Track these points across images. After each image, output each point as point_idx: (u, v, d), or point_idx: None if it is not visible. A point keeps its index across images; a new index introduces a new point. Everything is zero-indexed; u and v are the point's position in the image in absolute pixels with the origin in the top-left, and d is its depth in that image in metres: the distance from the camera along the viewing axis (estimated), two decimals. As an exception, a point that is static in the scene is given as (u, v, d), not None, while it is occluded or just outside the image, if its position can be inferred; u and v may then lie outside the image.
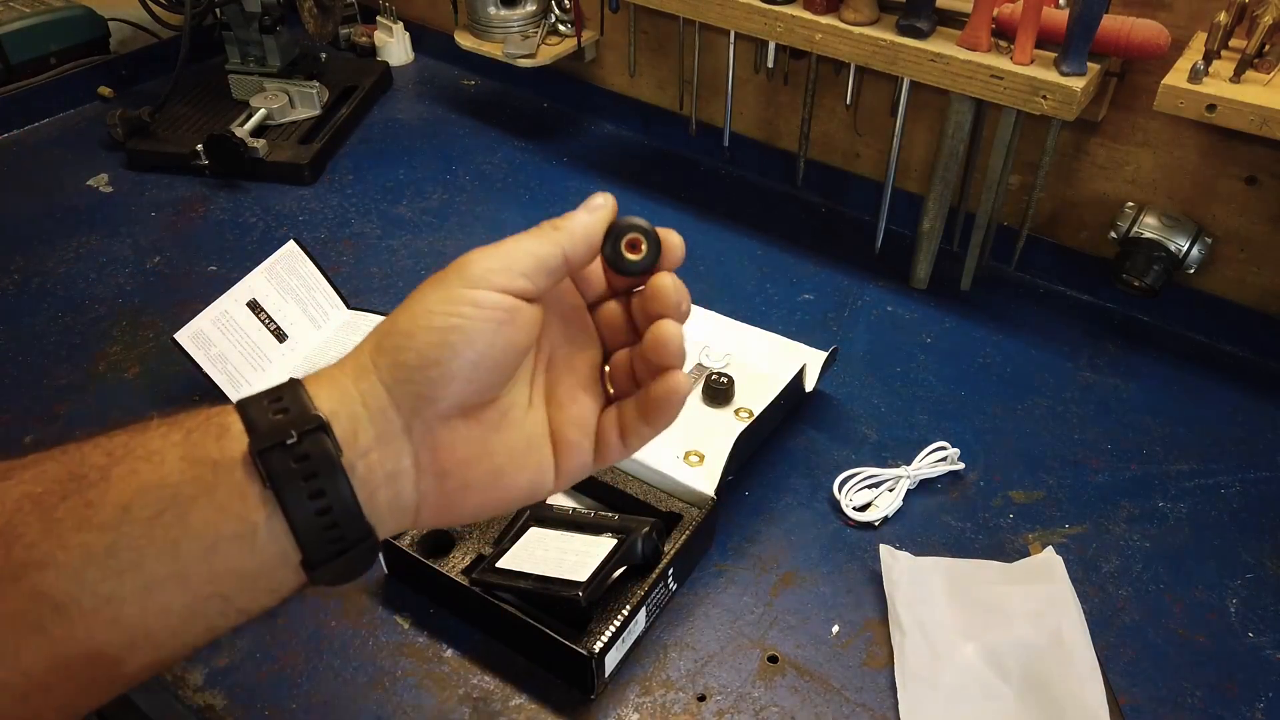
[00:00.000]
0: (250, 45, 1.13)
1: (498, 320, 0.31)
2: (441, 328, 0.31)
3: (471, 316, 0.31)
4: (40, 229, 0.97)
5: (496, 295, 0.31)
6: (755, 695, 0.57)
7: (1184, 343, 0.86)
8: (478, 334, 0.31)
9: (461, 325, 0.31)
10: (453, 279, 0.32)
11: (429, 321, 0.31)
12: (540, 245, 0.33)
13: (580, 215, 0.34)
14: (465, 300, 0.31)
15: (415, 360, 0.31)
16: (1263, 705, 0.57)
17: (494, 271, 0.32)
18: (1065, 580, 0.61)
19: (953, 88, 0.77)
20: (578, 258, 0.33)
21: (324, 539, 0.30)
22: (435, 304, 0.31)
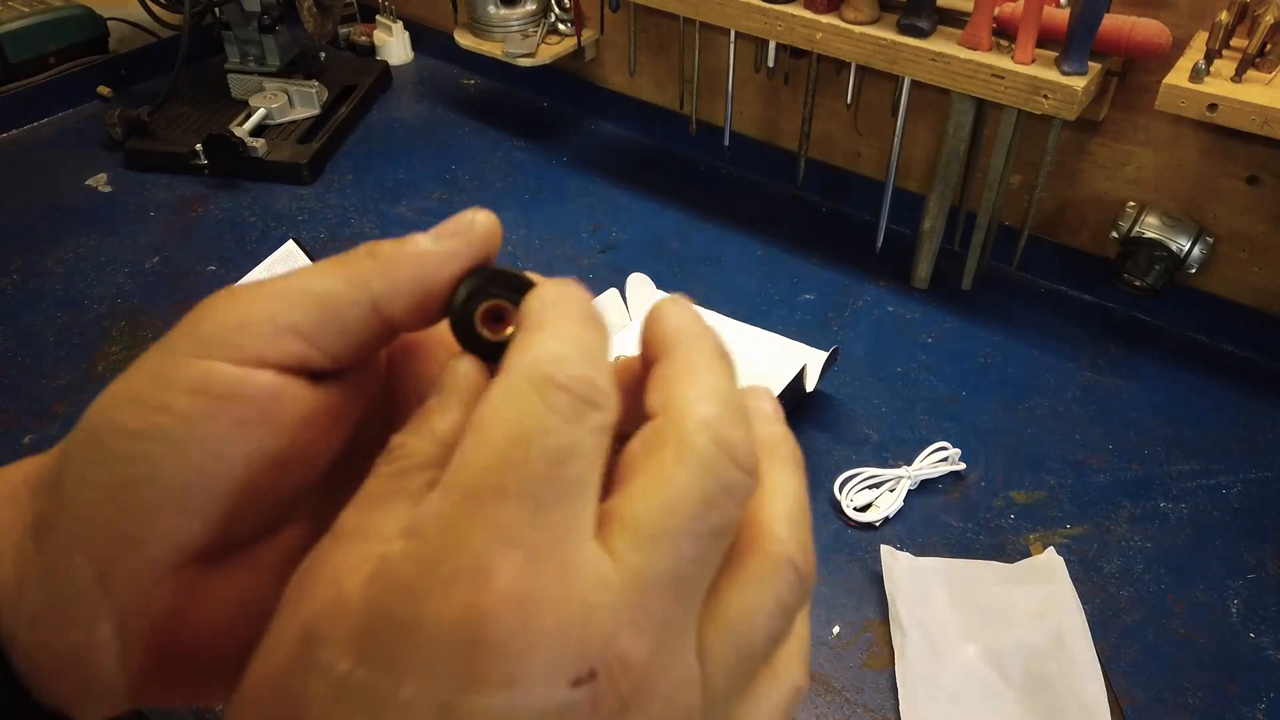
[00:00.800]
0: (249, 44, 1.13)
1: (236, 417, 0.19)
2: (134, 430, 0.19)
3: (185, 412, 0.19)
4: (39, 229, 0.97)
5: (236, 372, 0.19)
6: (756, 696, 0.56)
7: (1185, 343, 0.85)
8: (195, 441, 0.19)
9: (165, 428, 0.19)
10: (179, 341, 0.20)
11: (117, 417, 0.20)
12: (331, 282, 0.20)
13: (419, 242, 0.21)
14: (180, 382, 0.19)
15: (100, 477, 0.19)
16: (1264, 706, 0.57)
17: (238, 329, 0.20)
18: (1066, 581, 0.61)
19: (954, 87, 0.77)
20: (398, 310, 0.20)
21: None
22: (138, 385, 0.20)
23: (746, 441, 0.17)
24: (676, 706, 0.16)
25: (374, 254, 0.21)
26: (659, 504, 0.16)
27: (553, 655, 0.15)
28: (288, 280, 0.20)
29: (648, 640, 0.16)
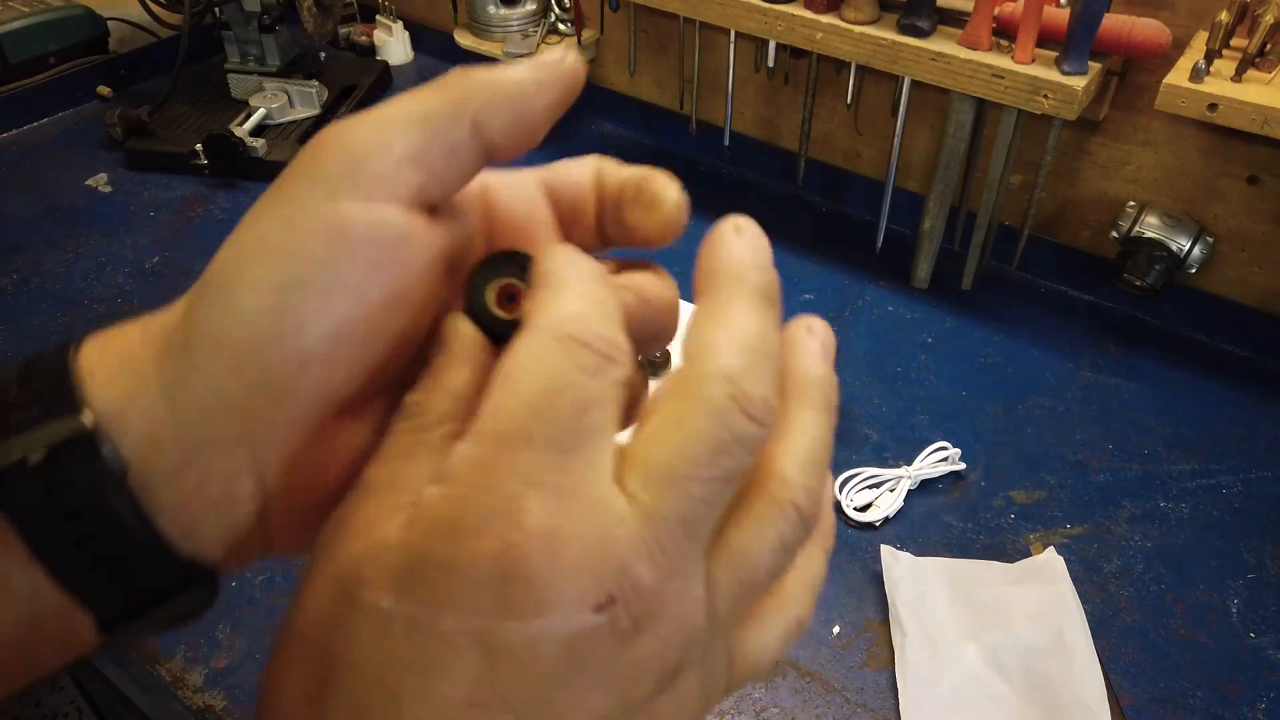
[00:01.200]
0: (249, 44, 1.13)
1: (372, 260, 0.19)
2: (274, 282, 0.19)
3: (324, 259, 0.19)
4: (39, 229, 0.97)
5: (369, 212, 0.19)
6: (756, 696, 0.56)
7: (1185, 342, 0.85)
8: (339, 288, 0.19)
9: (307, 277, 0.19)
10: (300, 185, 0.19)
11: (253, 270, 0.19)
12: (432, 102, 0.20)
13: (513, 67, 0.21)
14: (314, 227, 0.19)
15: (240, 335, 0.19)
16: (1264, 705, 0.57)
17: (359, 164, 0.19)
18: (1066, 581, 0.61)
19: (954, 87, 0.77)
20: (496, 132, 0.20)
21: (112, 594, 0.20)
22: (269, 234, 0.19)
23: (763, 394, 0.18)
24: (684, 627, 0.18)
25: (468, 76, 0.21)
26: (671, 450, 0.18)
27: (577, 584, 0.17)
28: (388, 108, 0.20)
29: (658, 570, 0.17)
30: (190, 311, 0.20)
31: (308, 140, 0.18)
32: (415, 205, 0.20)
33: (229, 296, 0.19)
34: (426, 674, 0.16)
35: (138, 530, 0.19)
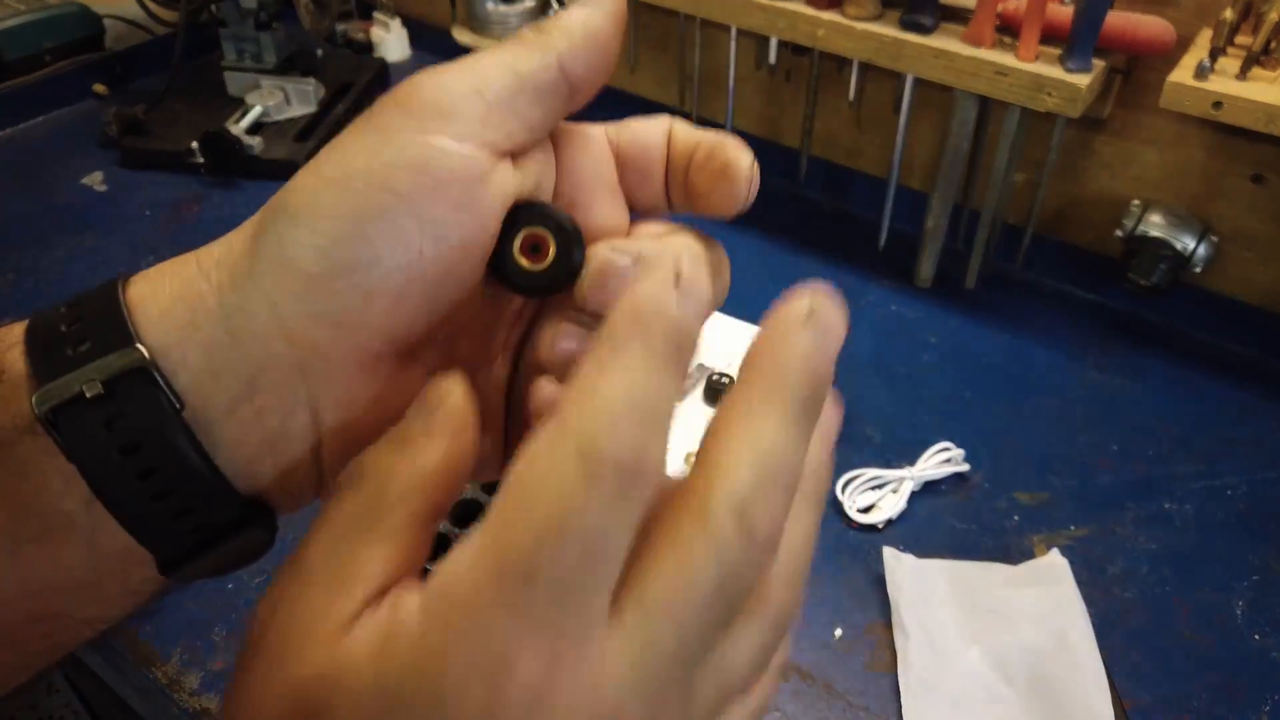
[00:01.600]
0: (246, 42, 1.12)
1: (455, 199, 0.19)
2: (352, 211, 0.18)
3: (408, 192, 0.18)
4: (34, 228, 0.96)
5: (457, 150, 0.19)
6: (758, 700, 0.56)
7: (1190, 342, 0.85)
8: (419, 223, 0.19)
9: (387, 207, 0.18)
10: (392, 117, 0.19)
11: (340, 194, 0.19)
12: (521, 51, 0.20)
13: (580, 8, 0.21)
14: (402, 159, 0.19)
15: (313, 262, 0.18)
16: (1269, 708, 0.56)
17: (453, 104, 0.19)
18: (1071, 582, 0.61)
19: (957, 84, 0.76)
20: (580, 69, 0.21)
21: (174, 530, 0.19)
22: (356, 159, 0.19)
23: (772, 525, 0.17)
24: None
25: (546, 24, 0.21)
26: (672, 586, 0.16)
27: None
28: (479, 57, 0.20)
29: (649, 711, 0.16)
30: (259, 237, 0.20)
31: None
32: (502, 150, 0.20)
33: (306, 222, 0.19)
34: None
35: (197, 465, 0.19)
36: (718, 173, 0.22)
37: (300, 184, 0.19)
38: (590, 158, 0.23)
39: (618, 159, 0.23)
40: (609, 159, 0.23)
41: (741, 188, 0.22)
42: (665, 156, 0.23)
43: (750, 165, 0.22)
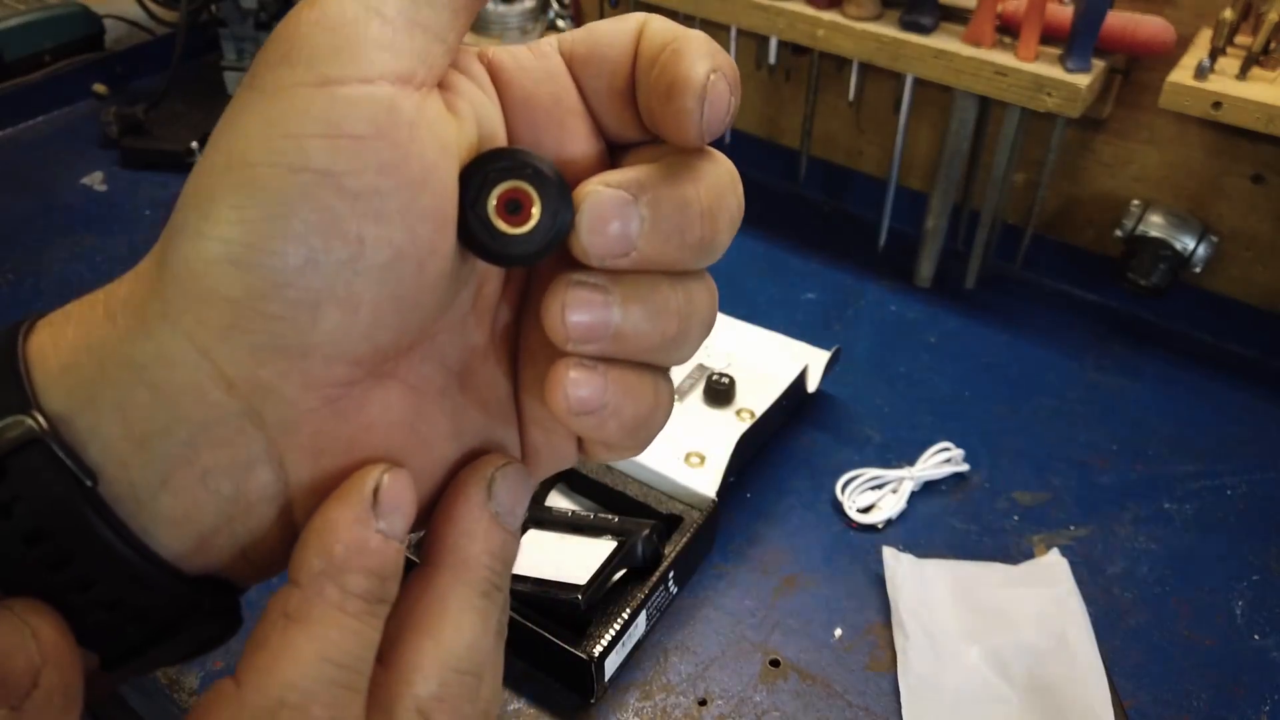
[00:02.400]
0: (246, 42, 1.12)
1: (384, 163, 0.15)
2: (265, 209, 0.15)
3: (326, 162, 0.15)
4: (34, 228, 0.96)
5: (376, 92, 0.15)
6: (757, 699, 0.56)
7: (1190, 342, 0.85)
8: (347, 199, 0.15)
9: (309, 186, 0.15)
10: (279, 70, 0.15)
11: (242, 189, 0.15)
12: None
13: None
14: (312, 125, 0.15)
15: (233, 283, 0.15)
16: (1269, 708, 0.56)
17: (361, 23, 0.15)
18: (1070, 582, 0.61)
19: (956, 84, 0.76)
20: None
21: (108, 625, 0.16)
22: (252, 143, 0.15)
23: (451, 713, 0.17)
24: None
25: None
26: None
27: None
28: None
29: None
30: (162, 264, 0.15)
31: None
32: (421, 80, 0.16)
33: (209, 234, 0.15)
34: None
35: (122, 551, 0.16)
36: (664, 91, 0.17)
37: (194, 187, 0.16)
38: (540, 78, 0.18)
39: (577, 75, 0.19)
40: (565, 78, 0.18)
41: (691, 110, 0.17)
42: (632, 67, 0.18)
43: (704, 80, 0.17)
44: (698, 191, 0.18)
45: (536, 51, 0.18)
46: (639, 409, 0.19)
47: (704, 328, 0.20)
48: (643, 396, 0.19)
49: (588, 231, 0.17)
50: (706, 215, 0.18)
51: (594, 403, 0.18)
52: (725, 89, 0.17)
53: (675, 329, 0.19)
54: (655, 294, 0.18)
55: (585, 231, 0.17)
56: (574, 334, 0.18)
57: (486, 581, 0.18)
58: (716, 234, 0.18)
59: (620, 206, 0.17)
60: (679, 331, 0.19)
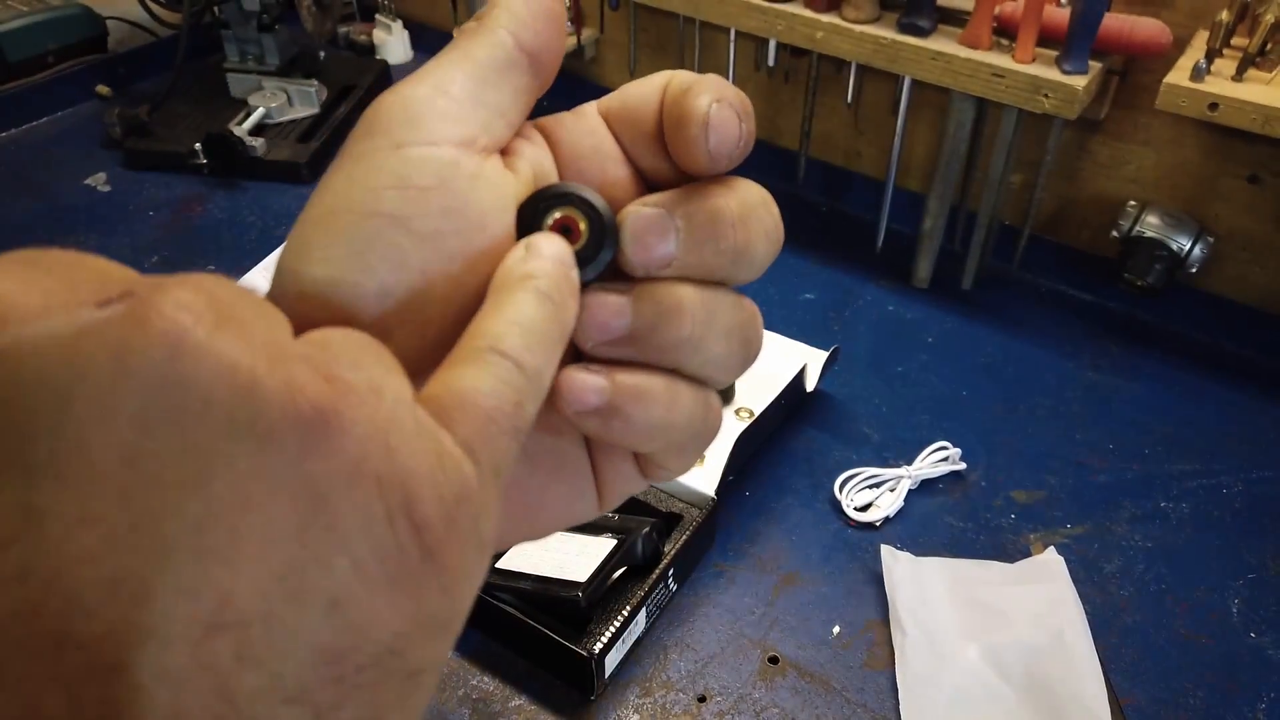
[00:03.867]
0: (249, 43, 1.13)
1: (446, 209, 0.18)
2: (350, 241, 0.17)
3: (396, 208, 0.18)
4: (38, 228, 0.97)
5: (441, 154, 0.18)
6: (756, 696, 0.56)
7: (1186, 342, 0.85)
8: (413, 238, 0.18)
9: (382, 229, 0.17)
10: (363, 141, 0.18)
11: (328, 232, 0.18)
12: (475, 45, 0.19)
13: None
14: (388, 180, 0.18)
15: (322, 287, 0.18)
16: (1265, 706, 0.57)
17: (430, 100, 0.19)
18: (1067, 580, 0.61)
19: (954, 86, 0.77)
20: (535, 43, 0.20)
21: None
22: (339, 193, 0.18)
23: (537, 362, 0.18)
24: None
25: (485, 11, 0.20)
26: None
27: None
28: (435, 62, 0.19)
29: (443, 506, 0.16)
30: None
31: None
32: (482, 145, 0.19)
33: (300, 275, 0.18)
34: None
35: None
36: (674, 124, 0.20)
37: (293, 235, 0.18)
38: (582, 134, 0.21)
39: (614, 128, 0.21)
40: (604, 131, 0.21)
41: (696, 136, 0.19)
42: (660, 115, 0.21)
43: (707, 109, 0.19)
44: (728, 203, 0.20)
45: (577, 113, 0.22)
46: (650, 414, 0.20)
47: (727, 339, 0.21)
48: (654, 402, 0.20)
49: (631, 245, 0.20)
50: (739, 223, 0.20)
51: (591, 403, 0.19)
52: (730, 116, 0.19)
53: (688, 333, 0.20)
54: (670, 297, 0.20)
55: (629, 246, 0.20)
56: (614, 334, 0.20)
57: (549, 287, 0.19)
58: (750, 242, 0.20)
59: (658, 220, 0.20)
60: (694, 337, 0.20)
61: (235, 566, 0.13)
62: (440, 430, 0.15)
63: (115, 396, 0.12)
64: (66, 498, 0.12)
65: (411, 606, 0.14)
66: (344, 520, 0.14)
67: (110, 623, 0.12)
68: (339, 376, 0.14)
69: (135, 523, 0.12)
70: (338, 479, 0.14)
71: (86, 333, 0.12)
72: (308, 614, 0.13)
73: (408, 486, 0.14)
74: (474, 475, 0.16)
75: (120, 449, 0.12)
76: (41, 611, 0.12)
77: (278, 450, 0.13)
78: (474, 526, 0.15)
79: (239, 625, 0.13)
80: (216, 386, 0.13)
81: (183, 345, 0.13)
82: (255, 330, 0.14)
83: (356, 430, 0.14)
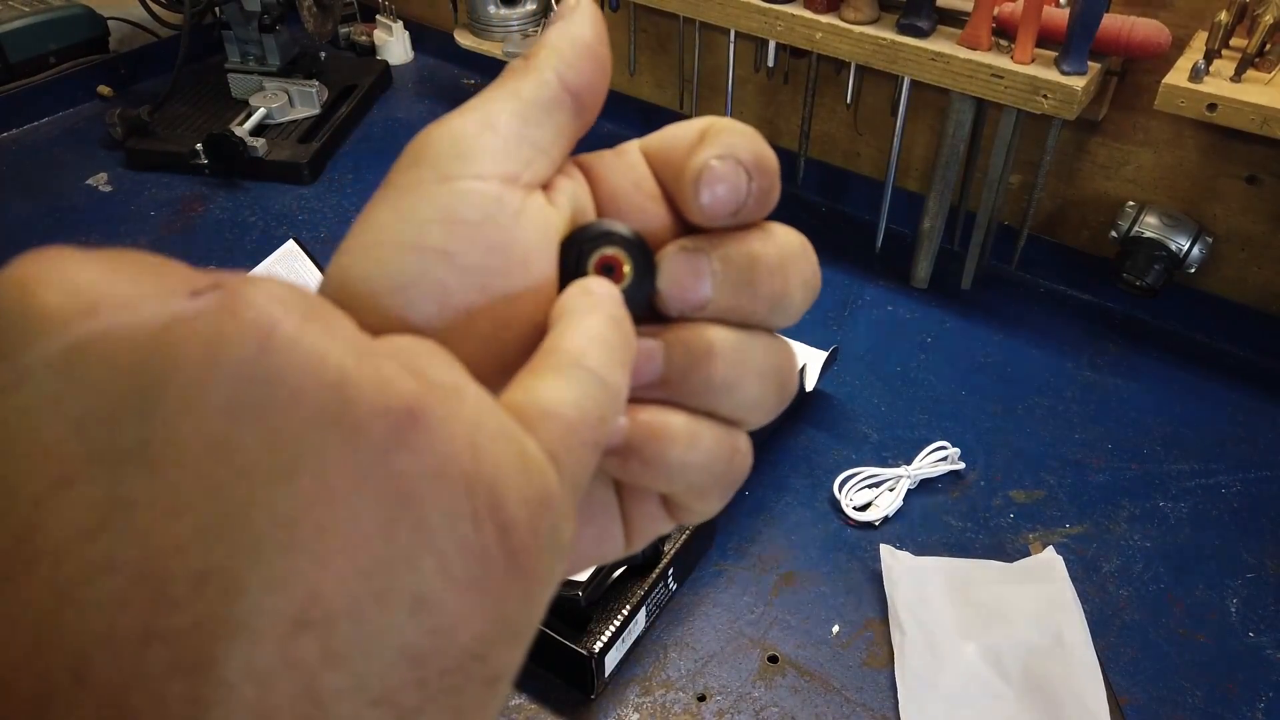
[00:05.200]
0: (250, 44, 1.13)
1: (491, 244, 0.18)
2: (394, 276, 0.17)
3: (443, 243, 0.17)
4: (39, 228, 0.97)
5: (487, 189, 0.18)
6: (755, 695, 0.56)
7: (1185, 342, 0.85)
8: (457, 273, 0.17)
9: (428, 264, 0.17)
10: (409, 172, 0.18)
11: (372, 265, 0.17)
12: (522, 83, 0.20)
13: (561, 22, 0.21)
14: (434, 214, 0.17)
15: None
16: (1263, 705, 0.57)
17: (479, 136, 0.19)
18: (1066, 580, 0.61)
19: (953, 87, 0.77)
20: (580, 83, 0.20)
21: None
22: (384, 225, 0.18)
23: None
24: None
25: (532, 50, 0.20)
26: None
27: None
28: (482, 97, 0.19)
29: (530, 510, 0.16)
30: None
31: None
32: (526, 182, 0.19)
33: (345, 306, 0.17)
34: None
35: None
36: (675, 173, 0.20)
37: (335, 267, 0.18)
38: (622, 173, 0.21)
39: (654, 166, 0.21)
40: (644, 170, 0.21)
41: (687, 193, 0.19)
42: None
43: (702, 165, 0.19)
44: (765, 248, 0.20)
45: (618, 151, 0.22)
46: (668, 455, 0.19)
47: (761, 382, 0.20)
48: (672, 442, 0.19)
49: (668, 286, 0.20)
50: (777, 270, 0.20)
51: (610, 441, 0.19)
52: (733, 173, 0.19)
53: (721, 377, 0.20)
54: (701, 340, 0.20)
55: (666, 287, 0.20)
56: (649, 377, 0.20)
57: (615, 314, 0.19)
58: (788, 290, 0.20)
59: (694, 262, 0.20)
60: (727, 381, 0.20)
61: (323, 562, 0.12)
62: (524, 434, 0.15)
63: (206, 387, 0.12)
64: (156, 487, 0.12)
65: (494, 610, 0.14)
66: (431, 518, 0.13)
67: (198, 616, 0.12)
68: (424, 373, 0.14)
69: (224, 514, 0.12)
70: (425, 476, 0.13)
71: (178, 322, 0.13)
72: (393, 613, 0.13)
73: (494, 487, 0.14)
74: (556, 482, 0.15)
75: (210, 439, 0.12)
76: (128, 604, 0.12)
77: (366, 444, 0.13)
78: (554, 534, 0.15)
79: (326, 623, 0.12)
80: (306, 378, 0.13)
81: (274, 337, 0.13)
82: (342, 326, 0.14)
83: (445, 427, 0.14)
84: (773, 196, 0.20)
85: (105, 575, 0.11)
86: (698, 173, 0.19)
